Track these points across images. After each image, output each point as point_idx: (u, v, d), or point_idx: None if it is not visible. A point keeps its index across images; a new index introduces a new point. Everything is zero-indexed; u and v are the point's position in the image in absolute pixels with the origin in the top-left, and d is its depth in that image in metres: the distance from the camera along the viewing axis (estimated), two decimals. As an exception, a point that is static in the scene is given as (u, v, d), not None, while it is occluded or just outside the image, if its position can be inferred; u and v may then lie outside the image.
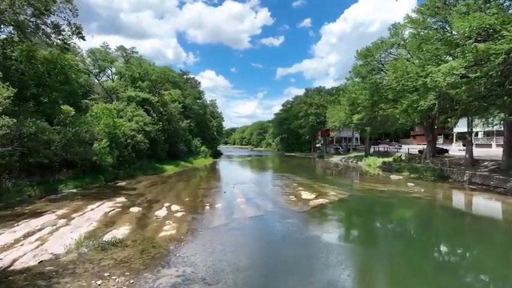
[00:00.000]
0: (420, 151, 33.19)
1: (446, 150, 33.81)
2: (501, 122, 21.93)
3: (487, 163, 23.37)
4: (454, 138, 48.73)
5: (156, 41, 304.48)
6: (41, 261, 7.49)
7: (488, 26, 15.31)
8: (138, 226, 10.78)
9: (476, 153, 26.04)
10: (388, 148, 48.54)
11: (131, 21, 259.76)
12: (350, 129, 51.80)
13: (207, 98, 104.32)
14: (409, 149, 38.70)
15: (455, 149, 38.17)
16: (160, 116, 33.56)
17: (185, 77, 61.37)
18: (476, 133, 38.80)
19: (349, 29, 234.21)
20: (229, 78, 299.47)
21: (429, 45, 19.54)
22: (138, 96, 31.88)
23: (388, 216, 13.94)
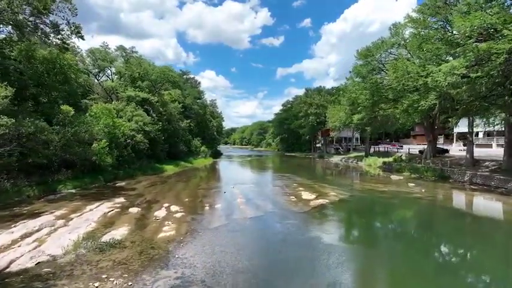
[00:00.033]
0: (420, 151, 33.10)
1: (446, 151, 33.76)
2: (502, 122, 21.89)
3: (487, 163, 23.30)
4: (454, 138, 48.72)
5: (156, 41, 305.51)
6: (38, 263, 7.42)
7: (489, 25, 15.25)
8: (137, 227, 10.69)
9: (476, 153, 25.96)
10: (389, 148, 48.47)
11: (131, 21, 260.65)
12: (350, 129, 51.70)
13: (207, 98, 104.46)
14: (410, 149, 38.67)
15: (456, 149, 38.12)
16: (160, 116, 33.47)
17: (185, 77, 61.31)
18: (476, 133, 38.77)
19: (349, 29, 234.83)
20: (229, 78, 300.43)
21: (430, 44, 19.48)
22: (138, 96, 31.79)
23: (388, 217, 13.87)
